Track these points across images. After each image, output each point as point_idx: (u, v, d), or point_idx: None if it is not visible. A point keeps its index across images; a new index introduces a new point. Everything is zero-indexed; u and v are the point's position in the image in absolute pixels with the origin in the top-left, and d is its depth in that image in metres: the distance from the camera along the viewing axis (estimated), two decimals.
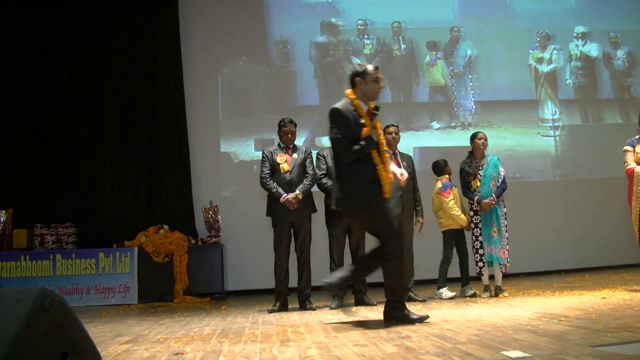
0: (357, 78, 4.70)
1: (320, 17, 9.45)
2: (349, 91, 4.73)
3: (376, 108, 4.71)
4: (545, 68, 9.83)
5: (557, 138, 9.68)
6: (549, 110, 9.73)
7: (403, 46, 9.54)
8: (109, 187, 8.87)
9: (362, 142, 4.54)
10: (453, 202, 6.70)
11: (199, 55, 9.23)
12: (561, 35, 9.96)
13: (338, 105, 4.64)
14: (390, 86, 9.34)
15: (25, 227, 8.22)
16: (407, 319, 4.47)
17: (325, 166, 6.37)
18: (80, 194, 8.81)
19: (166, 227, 8.26)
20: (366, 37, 9.47)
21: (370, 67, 4.73)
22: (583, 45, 9.98)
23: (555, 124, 9.70)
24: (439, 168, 6.96)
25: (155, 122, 9.08)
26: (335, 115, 4.60)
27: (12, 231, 8.15)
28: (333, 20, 9.44)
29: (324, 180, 6.32)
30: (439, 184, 6.83)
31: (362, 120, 4.59)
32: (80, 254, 8.03)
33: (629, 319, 3.92)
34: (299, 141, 6.92)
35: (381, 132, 4.74)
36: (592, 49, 10.00)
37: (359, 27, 9.46)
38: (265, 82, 9.33)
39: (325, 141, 7.58)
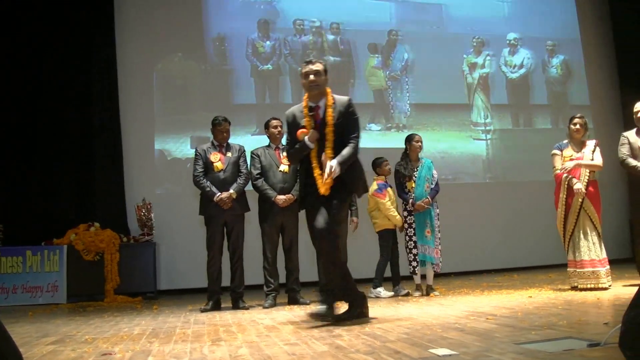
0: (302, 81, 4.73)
1: (258, 15, 9.38)
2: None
3: (312, 107, 4.62)
4: (478, 73, 10.04)
5: (489, 142, 9.91)
6: (481, 114, 9.95)
7: (341, 47, 9.56)
8: (38, 184, 8.61)
9: (297, 146, 4.59)
10: (390, 203, 6.78)
11: (134, 51, 9.05)
12: (495, 41, 10.18)
13: (290, 109, 4.75)
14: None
15: None
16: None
17: (260, 165, 6.37)
18: (7, 189, 8.53)
19: (97, 224, 8.08)
20: (304, 36, 9.45)
21: (303, 65, 4.74)
22: (515, 52, 10.24)
23: (487, 128, 9.93)
24: (377, 165, 7.01)
25: (88, 117, 8.87)
26: (285, 121, 4.77)
27: None
28: (270, 18, 9.37)
29: (259, 182, 6.31)
30: (375, 185, 6.89)
31: (303, 121, 4.59)
32: (6, 251, 7.79)
33: (553, 317, 4.05)
34: (235, 140, 6.86)
35: (329, 127, 4.53)
36: (526, 56, 10.25)
37: (297, 26, 9.44)
38: (202, 79, 9.21)
39: (258, 140, 7.51)
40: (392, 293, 6.72)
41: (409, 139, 6.77)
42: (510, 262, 9.47)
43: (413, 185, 6.56)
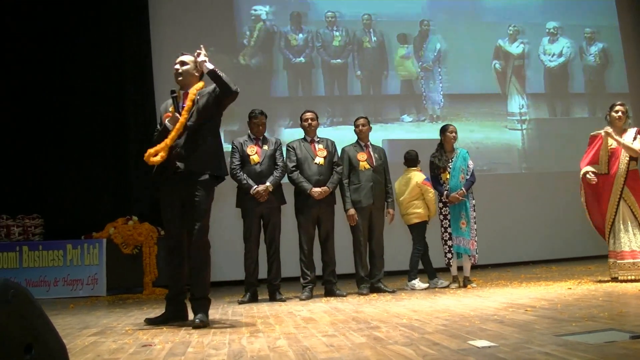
0: None
1: (290, 8, 9.40)
2: None
3: (173, 91, 4.69)
4: (513, 62, 9.92)
5: (524, 131, 9.80)
6: (517, 104, 9.84)
7: (374, 39, 9.52)
8: (77, 179, 8.76)
9: (159, 129, 4.68)
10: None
11: (169, 48, 9.10)
12: (531, 30, 10.03)
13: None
14: (360, 78, 9.38)
15: None
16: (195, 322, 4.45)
17: (295, 157, 6.38)
18: (47, 184, 8.69)
19: (135, 218, 8.19)
20: (335, 29, 9.42)
21: None
22: (555, 41, 10.09)
23: (523, 118, 9.82)
24: (412, 159, 6.99)
25: (123, 110, 8.99)
26: None
27: None
28: (303, 11, 9.38)
29: (295, 175, 6.32)
30: (422, 175, 6.85)
31: (170, 108, 4.63)
32: (48, 245, 7.92)
33: (593, 309, 3.99)
34: (269, 133, 6.90)
35: (184, 114, 4.53)
36: (565, 45, 10.12)
37: (329, 19, 9.41)
38: (236, 72, 9.20)
39: (292, 133, 7.57)
40: (426, 285, 6.69)
41: (443, 130, 6.72)
42: (548, 254, 9.36)
43: (448, 176, 6.51)
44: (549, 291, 5.40)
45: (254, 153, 6.29)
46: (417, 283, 6.66)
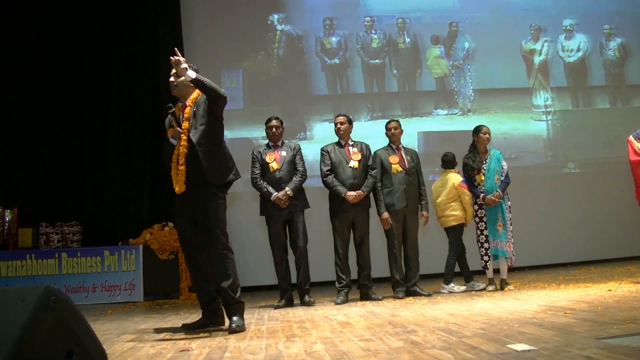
0: None
1: (332, 12, 9.86)
2: None
3: (168, 106, 4.68)
4: (537, 59, 10.22)
5: (549, 122, 10.08)
6: (542, 97, 10.15)
7: (407, 40, 9.97)
8: (113, 185, 8.89)
9: (166, 146, 4.65)
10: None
11: (202, 54, 9.26)
12: (552, 27, 10.31)
13: None
14: (397, 76, 9.86)
15: (30, 226, 8.24)
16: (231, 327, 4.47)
17: (329, 161, 6.37)
18: (85, 192, 8.84)
19: (171, 224, 8.25)
20: (373, 32, 9.89)
21: None
22: (571, 37, 10.34)
23: (547, 110, 10.10)
24: (449, 161, 6.96)
25: (157, 118, 9.07)
26: None
27: (17, 230, 8.18)
28: (337, 16, 9.83)
29: (329, 179, 6.32)
30: (459, 177, 6.81)
31: (173, 123, 4.61)
32: (86, 252, 8.04)
33: (635, 311, 3.91)
34: (313, 127, 6.98)
35: (186, 123, 4.55)
36: (582, 41, 10.35)
37: (367, 23, 9.89)
38: (280, 74, 9.69)
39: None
40: (464, 287, 6.64)
41: (476, 131, 6.66)
42: (586, 255, 9.23)
43: (482, 178, 6.46)
44: (589, 293, 5.31)
45: (273, 160, 6.32)
46: (454, 286, 6.61)
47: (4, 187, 8.52)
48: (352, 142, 6.51)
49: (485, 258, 6.43)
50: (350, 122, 6.59)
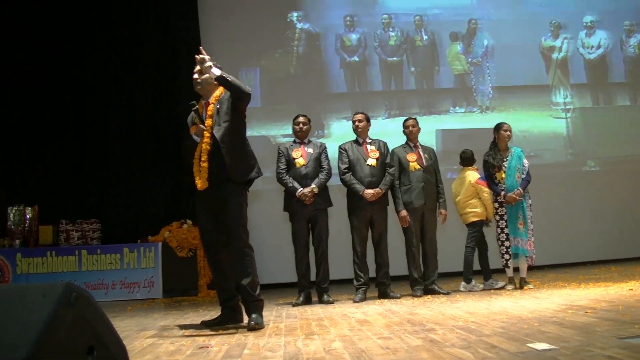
0: None
1: (349, 10, 9.82)
2: None
3: (192, 104, 4.65)
4: (557, 56, 10.12)
5: (569, 120, 9.99)
6: (561, 94, 10.05)
7: (425, 37, 9.91)
8: (133, 183, 8.93)
9: (188, 142, 4.64)
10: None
11: (219, 52, 9.27)
12: (572, 23, 10.21)
13: None
14: (414, 74, 9.84)
15: (51, 223, 8.30)
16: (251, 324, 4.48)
17: (347, 159, 6.37)
18: (105, 190, 8.88)
19: (189, 221, 8.29)
20: (391, 29, 9.84)
21: None
22: (592, 34, 10.24)
23: (567, 107, 10.01)
24: (467, 158, 6.92)
25: (177, 115, 9.11)
26: None
27: (38, 227, 8.24)
28: (357, 13, 9.81)
29: (347, 176, 6.31)
30: (476, 174, 6.77)
31: (196, 120, 4.62)
32: (105, 249, 8.10)
33: None
34: (334, 125, 7.00)
35: (209, 121, 4.57)
36: (602, 37, 10.24)
37: (384, 21, 9.84)
38: (299, 72, 9.68)
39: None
40: (481, 286, 6.61)
41: (497, 128, 6.62)
42: (606, 254, 9.14)
43: (503, 175, 6.42)
44: (609, 292, 5.27)
45: (299, 156, 6.34)
46: (475, 285, 6.57)
47: (25, 185, 8.59)
48: (370, 140, 6.50)
49: (506, 257, 6.39)
50: (368, 120, 6.58)
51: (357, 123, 6.50)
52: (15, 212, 8.13)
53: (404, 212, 6.37)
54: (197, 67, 4.69)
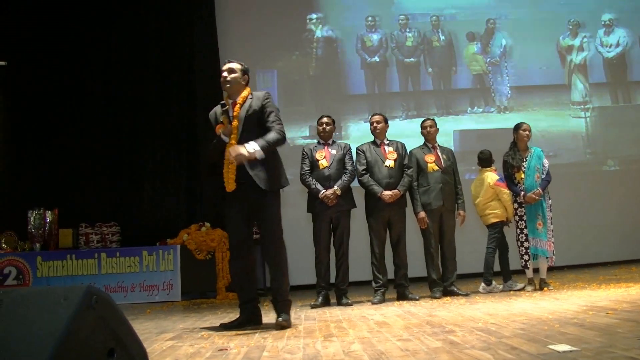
0: None
1: (367, 11, 9.87)
2: None
3: (223, 104, 4.68)
4: (575, 55, 10.11)
5: (587, 119, 9.97)
6: (580, 94, 10.03)
7: (442, 38, 9.94)
8: (151, 186, 9.00)
9: (214, 141, 4.64)
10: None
11: (236, 55, 9.30)
12: (590, 22, 10.18)
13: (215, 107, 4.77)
14: (432, 75, 9.87)
15: (71, 226, 8.37)
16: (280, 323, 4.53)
17: (365, 161, 6.36)
18: (124, 193, 8.96)
19: (208, 224, 8.33)
20: (408, 30, 9.88)
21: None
22: (611, 32, 10.20)
23: (586, 106, 9.99)
24: (485, 159, 6.88)
25: (194, 120, 9.17)
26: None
27: (58, 231, 8.32)
28: (378, 14, 9.87)
29: (365, 178, 6.30)
30: (495, 175, 6.73)
31: (221, 118, 4.62)
32: (124, 252, 8.16)
33: None
34: (348, 126, 7.00)
35: (235, 123, 4.58)
36: (621, 35, 10.20)
37: (401, 21, 9.88)
38: (318, 73, 9.74)
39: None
40: (501, 287, 6.57)
41: (516, 128, 6.59)
42: (626, 254, 9.08)
43: (522, 176, 6.38)
44: (630, 293, 5.21)
45: (323, 157, 6.33)
46: (494, 286, 6.53)
47: (45, 188, 8.67)
48: (388, 141, 6.49)
49: (526, 257, 6.36)
50: (386, 121, 6.57)
51: (375, 124, 6.49)
52: (36, 215, 8.21)
53: (422, 214, 6.35)
54: (227, 66, 4.72)
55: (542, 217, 6.25)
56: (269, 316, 5.45)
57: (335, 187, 6.20)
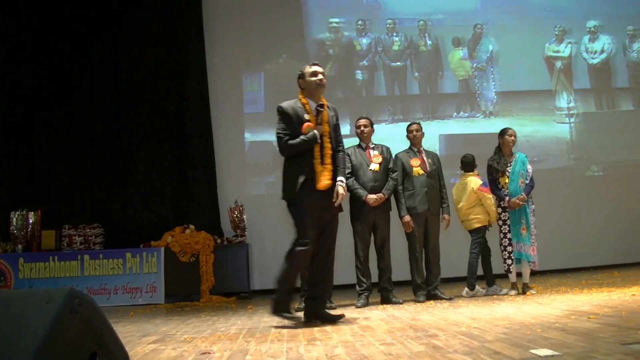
0: (299, 80, 4.99)
1: (354, 15, 9.88)
2: (299, 92, 4.98)
3: (320, 105, 4.87)
4: (561, 61, 10.17)
5: (572, 125, 10.05)
6: (564, 99, 10.11)
7: (429, 42, 9.96)
8: (136, 188, 8.95)
9: (302, 137, 4.72)
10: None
11: (223, 58, 9.33)
12: (576, 29, 10.26)
13: (284, 103, 4.92)
14: (418, 79, 9.89)
15: (54, 228, 8.32)
16: (327, 318, 4.78)
17: (350, 164, 6.36)
18: (108, 195, 8.90)
19: (192, 227, 8.30)
20: (395, 34, 9.90)
21: (307, 67, 4.98)
22: (596, 39, 10.28)
23: (571, 112, 10.06)
24: (468, 163, 6.89)
25: (181, 123, 9.15)
26: (279, 113, 4.91)
27: (41, 232, 8.26)
28: (367, 18, 9.88)
29: (350, 181, 6.29)
30: (479, 180, 6.74)
31: (307, 116, 4.77)
32: (108, 254, 8.11)
33: None
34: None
35: (327, 127, 4.83)
36: (606, 42, 10.29)
37: (388, 26, 9.90)
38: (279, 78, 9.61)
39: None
40: (484, 291, 6.59)
41: (501, 133, 6.61)
42: (609, 259, 9.15)
43: (506, 180, 6.40)
44: (612, 298, 5.25)
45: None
46: (478, 290, 6.55)
47: (28, 189, 8.61)
48: (373, 145, 6.50)
49: (509, 262, 6.38)
50: (372, 125, 6.58)
51: (362, 128, 6.49)
52: (18, 216, 8.14)
53: (407, 218, 6.36)
54: (321, 69, 4.96)
55: (526, 222, 6.29)
56: (252, 319, 5.46)
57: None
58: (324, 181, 4.71)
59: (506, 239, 6.39)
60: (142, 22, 9.26)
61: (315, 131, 4.72)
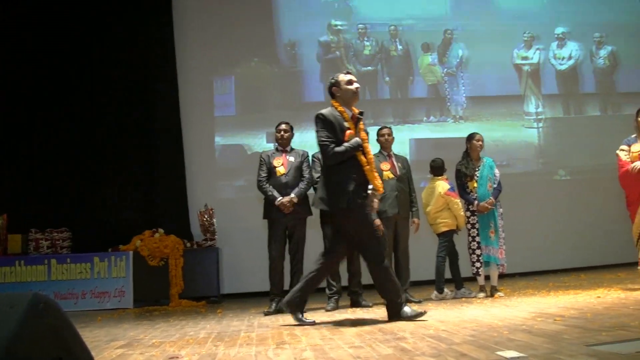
0: (334, 88, 4.97)
1: (326, 19, 9.89)
2: (333, 101, 4.96)
3: (360, 113, 4.94)
4: (529, 66, 10.30)
5: (540, 129, 10.17)
6: (533, 105, 10.23)
7: (400, 47, 10.00)
8: (104, 192, 8.85)
9: (347, 145, 4.73)
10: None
11: (194, 61, 9.28)
12: (544, 35, 10.39)
13: (324, 111, 4.88)
14: (389, 84, 9.92)
15: (20, 232, 8.19)
16: (407, 316, 4.68)
17: (320, 169, 6.36)
18: (75, 198, 8.78)
19: (161, 230, 8.24)
20: (366, 39, 9.93)
21: (341, 75, 4.98)
22: (563, 46, 10.43)
23: (539, 117, 10.19)
24: (437, 167, 6.93)
25: (151, 126, 9.08)
26: (320, 121, 4.86)
27: (7, 236, 8.13)
28: (337, 22, 9.88)
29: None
30: (446, 185, 6.79)
31: (346, 124, 4.80)
32: (75, 258, 8.01)
33: (624, 317, 3.92)
34: (304, 135, 7.00)
35: (365, 135, 4.93)
36: (574, 49, 10.44)
37: (360, 30, 9.93)
38: (275, 80, 9.69)
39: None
40: (452, 294, 6.64)
41: (469, 138, 6.68)
42: (576, 262, 9.27)
43: (475, 185, 6.47)
44: (578, 300, 5.33)
45: (280, 164, 6.35)
46: (447, 293, 6.60)
47: None
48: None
49: (477, 265, 6.44)
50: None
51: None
52: None
53: (377, 221, 6.37)
54: (356, 79, 5.00)
55: (494, 225, 6.36)
56: (221, 323, 5.44)
57: (292, 195, 6.20)
58: (378, 185, 4.91)
59: (475, 242, 6.45)
60: (111, 25, 9.15)
61: (357, 138, 4.79)
